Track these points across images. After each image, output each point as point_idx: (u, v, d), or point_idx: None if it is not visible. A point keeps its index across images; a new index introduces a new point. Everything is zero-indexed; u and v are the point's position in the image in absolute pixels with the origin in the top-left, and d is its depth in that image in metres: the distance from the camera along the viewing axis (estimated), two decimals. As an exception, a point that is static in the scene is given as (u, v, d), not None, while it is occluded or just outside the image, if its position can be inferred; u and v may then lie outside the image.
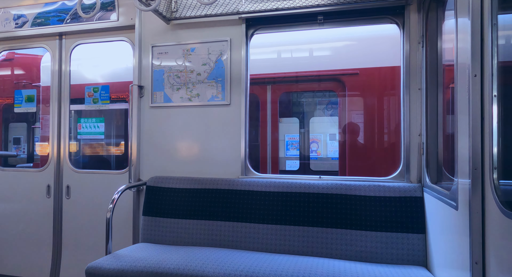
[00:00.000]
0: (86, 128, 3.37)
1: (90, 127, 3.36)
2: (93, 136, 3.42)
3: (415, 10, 2.51)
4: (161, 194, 2.81)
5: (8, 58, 4.19)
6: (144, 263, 2.22)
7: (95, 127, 3.35)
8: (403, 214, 2.34)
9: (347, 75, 3.62)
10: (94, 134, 3.38)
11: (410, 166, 2.52)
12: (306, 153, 4.25)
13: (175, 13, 2.92)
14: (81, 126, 3.37)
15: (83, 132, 3.38)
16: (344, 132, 3.65)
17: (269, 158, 3.98)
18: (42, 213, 3.33)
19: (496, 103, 1.37)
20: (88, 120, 3.38)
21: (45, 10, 3.32)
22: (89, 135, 3.41)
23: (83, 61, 3.77)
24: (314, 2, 2.64)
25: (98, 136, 3.41)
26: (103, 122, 3.33)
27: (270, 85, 3.98)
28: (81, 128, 3.38)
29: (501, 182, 1.36)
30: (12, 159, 4.43)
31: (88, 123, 3.37)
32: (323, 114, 4.32)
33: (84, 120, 3.38)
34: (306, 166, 4.21)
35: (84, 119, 3.40)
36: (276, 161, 4.02)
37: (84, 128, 3.37)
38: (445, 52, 2.23)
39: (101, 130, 3.34)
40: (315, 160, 4.26)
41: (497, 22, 1.39)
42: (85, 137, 3.50)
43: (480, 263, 1.43)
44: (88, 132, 3.37)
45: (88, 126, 3.36)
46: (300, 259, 2.28)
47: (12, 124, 4.58)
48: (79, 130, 3.39)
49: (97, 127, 3.34)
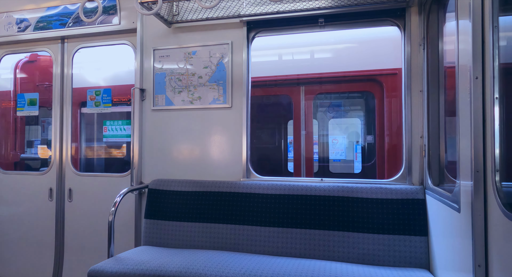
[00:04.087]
0: (112, 130, 3.39)
1: (116, 130, 3.39)
2: (119, 139, 3.44)
3: (416, 12, 2.51)
4: (163, 197, 2.81)
5: (31, 59, 4.14)
6: (147, 266, 2.22)
7: (121, 130, 3.38)
8: (405, 216, 2.34)
9: (385, 75, 3.55)
10: (120, 136, 3.40)
11: (412, 168, 2.51)
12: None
13: (176, 16, 2.93)
14: (106, 128, 3.39)
15: (109, 135, 3.40)
16: (382, 134, 3.56)
17: (303, 160, 3.89)
18: (44, 216, 3.34)
19: (497, 105, 1.37)
20: (114, 122, 3.40)
21: (48, 14, 3.34)
22: (115, 138, 3.43)
23: (85, 65, 3.77)
24: (315, 5, 2.65)
25: (125, 139, 3.43)
26: (129, 124, 3.33)
27: (303, 86, 3.92)
28: (106, 130, 3.40)
29: (503, 184, 1.35)
30: (36, 163, 4.29)
31: (114, 125, 3.39)
32: (361, 115, 4.22)
33: (110, 123, 3.40)
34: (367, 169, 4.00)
35: (109, 121, 3.41)
36: (311, 163, 3.89)
37: (110, 131, 3.39)
38: (446, 54, 2.23)
39: (127, 132, 3.36)
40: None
41: (498, 24, 1.39)
42: (111, 140, 3.51)
43: (483, 266, 1.42)
44: (114, 135, 3.40)
45: (113, 129, 3.39)
46: (303, 262, 2.27)
47: (31, 127, 4.38)
48: (104, 132, 3.41)
49: (123, 129, 3.37)
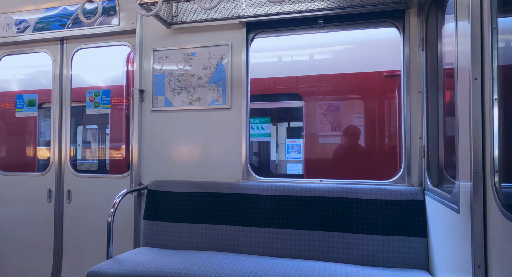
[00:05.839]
0: (255, 129, 3.45)
1: (258, 129, 3.45)
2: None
3: (415, 14, 2.52)
4: (162, 198, 2.81)
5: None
6: (146, 268, 2.22)
7: (262, 129, 3.44)
8: (405, 217, 2.34)
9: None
10: (261, 136, 3.44)
11: (411, 169, 2.51)
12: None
13: (176, 17, 2.94)
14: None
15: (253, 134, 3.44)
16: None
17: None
18: (43, 218, 3.33)
19: (496, 106, 1.37)
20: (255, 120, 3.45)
21: (47, 15, 3.34)
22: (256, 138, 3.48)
23: (83, 65, 3.76)
24: (314, 6, 2.66)
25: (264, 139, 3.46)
26: (268, 122, 3.34)
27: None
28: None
29: (502, 185, 1.36)
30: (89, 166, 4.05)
31: (255, 123, 3.45)
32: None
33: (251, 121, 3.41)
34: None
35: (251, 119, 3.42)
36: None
37: (252, 130, 3.44)
38: (445, 55, 2.24)
39: (265, 131, 3.38)
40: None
41: (497, 26, 1.40)
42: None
43: (482, 267, 1.42)
44: (257, 134, 3.45)
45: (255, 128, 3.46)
46: (302, 263, 2.27)
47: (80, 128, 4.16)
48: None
49: (262, 128, 3.43)
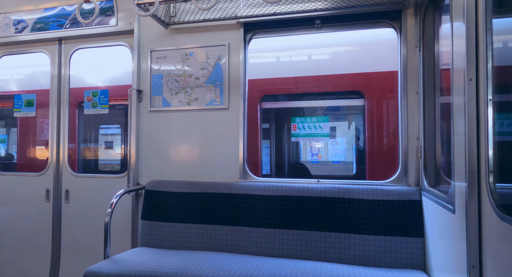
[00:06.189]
0: (303, 129, 3.39)
1: (310, 128, 3.38)
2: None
3: (412, 14, 2.52)
4: (160, 198, 2.81)
5: None
6: (143, 268, 2.22)
7: (316, 128, 3.36)
8: (402, 217, 2.34)
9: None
10: (316, 136, 3.38)
11: (408, 169, 2.52)
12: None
13: (173, 18, 2.94)
14: (296, 126, 3.38)
15: (300, 134, 3.38)
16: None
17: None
18: (41, 218, 3.33)
19: (491, 107, 1.38)
20: (307, 119, 3.38)
21: (45, 15, 3.34)
22: (311, 137, 3.41)
23: (82, 65, 3.76)
24: (312, 6, 2.66)
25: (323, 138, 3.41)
26: (327, 121, 3.31)
27: None
28: (296, 128, 3.39)
29: (497, 185, 1.36)
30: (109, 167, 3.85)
31: (307, 123, 3.38)
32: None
33: (301, 120, 3.38)
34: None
35: (300, 118, 3.39)
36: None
37: (300, 129, 3.39)
38: (442, 55, 2.24)
39: (324, 131, 3.33)
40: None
41: (492, 26, 1.40)
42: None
43: (477, 267, 1.43)
44: (309, 134, 3.39)
45: (305, 127, 3.39)
46: (299, 263, 2.27)
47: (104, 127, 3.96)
48: (293, 131, 3.39)
49: (319, 127, 3.36)
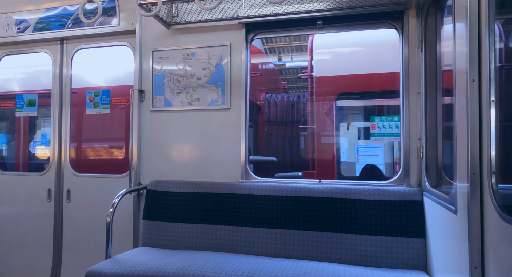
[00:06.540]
0: (383, 128, 3.40)
1: (384, 127, 3.40)
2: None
3: (414, 15, 2.52)
4: (161, 198, 2.81)
5: None
6: (144, 267, 2.22)
7: (390, 127, 3.39)
8: (403, 218, 2.34)
9: None
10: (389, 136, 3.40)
11: (409, 170, 2.52)
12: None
13: (175, 18, 2.94)
14: (375, 125, 3.39)
15: (379, 134, 3.41)
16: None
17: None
18: (42, 217, 3.34)
19: (494, 108, 1.38)
20: (386, 118, 3.40)
21: (47, 15, 3.34)
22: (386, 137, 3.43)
23: (84, 65, 3.77)
24: (314, 7, 2.66)
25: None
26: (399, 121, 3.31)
27: None
28: (375, 128, 3.40)
29: (499, 186, 1.36)
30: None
31: (387, 122, 3.40)
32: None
33: (380, 119, 3.40)
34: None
35: (380, 117, 3.40)
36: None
37: (380, 129, 3.39)
38: (444, 56, 2.24)
39: (394, 131, 3.35)
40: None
41: (495, 27, 1.40)
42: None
43: (479, 268, 1.43)
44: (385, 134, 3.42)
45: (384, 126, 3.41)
46: (300, 263, 2.27)
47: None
48: (372, 131, 3.41)
49: (393, 127, 3.38)
